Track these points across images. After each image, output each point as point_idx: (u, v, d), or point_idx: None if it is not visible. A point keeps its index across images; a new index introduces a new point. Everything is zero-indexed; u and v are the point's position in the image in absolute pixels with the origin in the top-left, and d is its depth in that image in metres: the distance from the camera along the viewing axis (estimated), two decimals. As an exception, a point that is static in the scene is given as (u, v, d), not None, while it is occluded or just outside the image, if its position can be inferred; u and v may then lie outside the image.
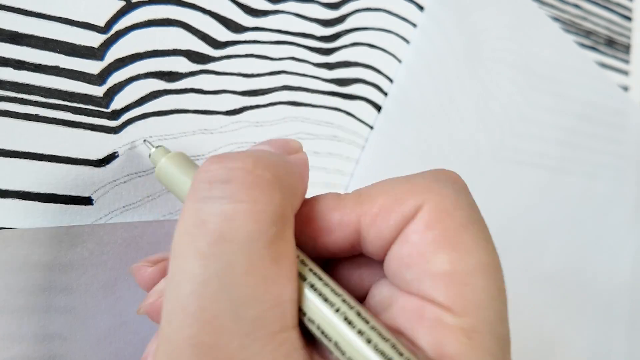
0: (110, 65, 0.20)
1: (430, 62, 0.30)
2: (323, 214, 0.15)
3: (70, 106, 0.19)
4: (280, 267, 0.13)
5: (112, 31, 0.20)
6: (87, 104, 0.20)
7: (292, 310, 0.13)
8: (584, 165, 0.37)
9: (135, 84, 0.21)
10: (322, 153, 0.26)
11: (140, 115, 0.21)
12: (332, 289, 0.14)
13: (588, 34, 0.38)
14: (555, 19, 0.36)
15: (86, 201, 0.20)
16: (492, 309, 0.13)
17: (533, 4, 0.35)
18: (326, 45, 0.26)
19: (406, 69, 0.29)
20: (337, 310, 0.13)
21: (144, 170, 0.21)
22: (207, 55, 0.23)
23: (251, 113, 0.24)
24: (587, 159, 0.37)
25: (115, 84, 0.20)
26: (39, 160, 0.19)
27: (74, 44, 0.20)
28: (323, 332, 0.13)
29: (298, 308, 0.13)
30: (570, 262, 0.36)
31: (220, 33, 0.23)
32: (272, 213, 0.13)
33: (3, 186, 0.18)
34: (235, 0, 0.23)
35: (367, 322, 0.13)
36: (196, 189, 0.13)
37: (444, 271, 0.13)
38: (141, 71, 0.21)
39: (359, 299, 0.15)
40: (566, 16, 0.37)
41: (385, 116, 0.28)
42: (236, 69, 0.23)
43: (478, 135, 0.32)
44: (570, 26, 0.37)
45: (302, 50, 0.25)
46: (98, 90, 0.20)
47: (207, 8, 0.23)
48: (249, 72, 0.24)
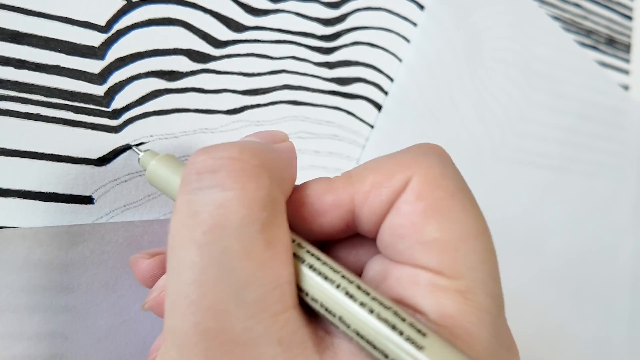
0: (111, 64, 0.20)
1: (431, 62, 0.30)
2: (316, 197, 0.15)
3: (71, 105, 0.19)
4: (275, 251, 0.13)
5: (113, 30, 0.20)
6: (88, 103, 0.20)
7: (291, 291, 0.13)
8: (584, 164, 0.37)
9: (135, 83, 0.21)
10: (323, 152, 0.26)
11: (141, 114, 0.21)
12: (331, 267, 0.14)
13: (589, 33, 0.38)
14: (556, 18, 0.36)
15: (87, 200, 0.20)
16: (483, 270, 0.14)
17: (533, 3, 0.35)
18: (327, 44, 0.26)
19: (407, 69, 0.29)
20: (338, 286, 0.14)
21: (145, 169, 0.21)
22: (208, 54, 0.23)
23: (252, 112, 0.24)
24: (588, 158, 0.37)
25: (116, 83, 0.20)
26: (39, 159, 0.19)
27: (75, 43, 0.20)
28: (327, 309, 0.14)
29: (297, 288, 0.14)
30: (570, 261, 0.36)
31: (221, 32, 0.23)
32: (262, 198, 0.13)
33: (4, 185, 0.18)
34: (236, 0, 0.23)
35: (368, 294, 0.13)
36: (186, 182, 0.13)
37: (434, 238, 0.14)
38: (142, 70, 0.21)
39: None
40: (567, 15, 0.37)
41: (385, 115, 0.28)
42: (237, 68, 0.23)
43: (478, 135, 0.32)
44: (571, 25, 0.37)
45: (303, 50, 0.25)
46: (99, 90, 0.20)
47: (208, 7, 0.23)
48: (250, 71, 0.24)
